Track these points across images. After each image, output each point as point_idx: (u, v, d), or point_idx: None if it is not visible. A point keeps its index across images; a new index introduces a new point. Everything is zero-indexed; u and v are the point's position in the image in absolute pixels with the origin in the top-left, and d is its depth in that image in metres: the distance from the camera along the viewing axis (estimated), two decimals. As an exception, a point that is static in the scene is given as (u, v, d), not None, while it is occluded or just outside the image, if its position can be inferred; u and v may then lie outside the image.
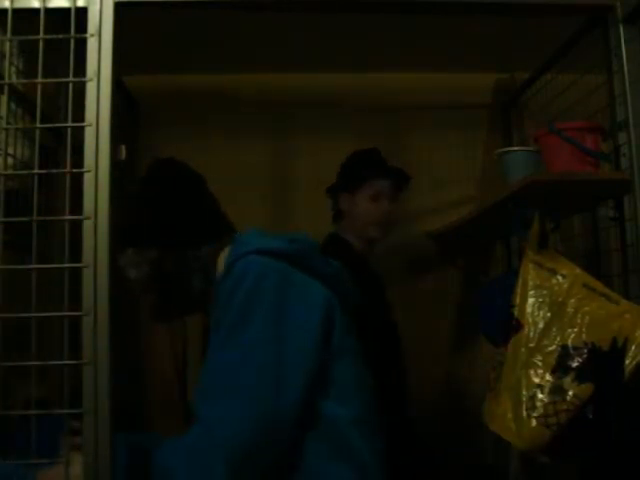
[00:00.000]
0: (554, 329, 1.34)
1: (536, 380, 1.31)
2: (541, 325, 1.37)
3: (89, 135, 1.22)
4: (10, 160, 1.27)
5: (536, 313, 1.38)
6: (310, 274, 1.06)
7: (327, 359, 1.02)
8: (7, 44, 1.25)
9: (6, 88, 1.25)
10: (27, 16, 1.25)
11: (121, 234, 1.17)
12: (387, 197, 1.82)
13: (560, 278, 1.40)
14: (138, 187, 1.22)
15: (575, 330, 1.32)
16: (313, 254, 1.11)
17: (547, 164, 1.53)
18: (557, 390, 1.27)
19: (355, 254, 1.77)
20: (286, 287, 1.01)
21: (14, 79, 1.32)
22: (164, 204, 1.17)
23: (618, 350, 1.25)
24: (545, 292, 1.40)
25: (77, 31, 1.24)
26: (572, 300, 1.36)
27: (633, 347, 1.24)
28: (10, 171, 1.25)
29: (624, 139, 1.41)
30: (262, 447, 0.93)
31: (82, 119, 1.22)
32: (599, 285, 1.37)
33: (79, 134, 1.23)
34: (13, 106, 1.32)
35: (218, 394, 0.97)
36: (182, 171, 1.23)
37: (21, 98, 1.35)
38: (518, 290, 1.42)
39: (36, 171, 1.22)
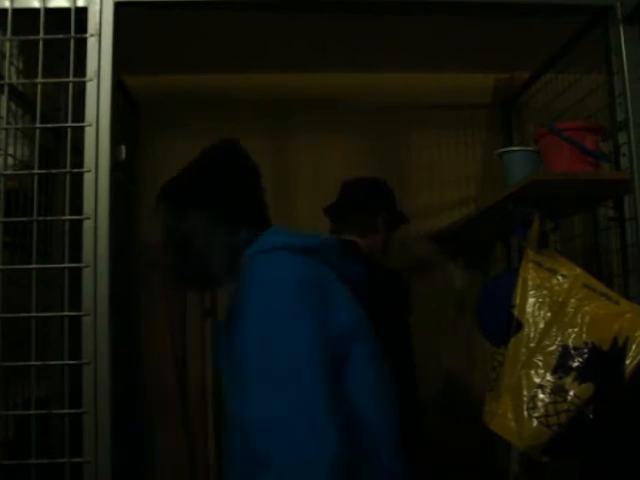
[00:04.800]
0: (554, 329, 1.34)
1: (537, 380, 1.31)
2: (541, 325, 1.36)
3: (89, 135, 1.22)
4: (10, 160, 1.27)
5: (536, 313, 1.38)
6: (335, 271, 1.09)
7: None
8: (7, 44, 1.26)
9: (6, 88, 1.25)
10: (27, 16, 1.25)
11: (163, 192, 1.17)
12: None
13: (560, 278, 1.40)
14: (198, 156, 1.20)
15: (575, 330, 1.32)
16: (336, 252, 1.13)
17: (547, 164, 1.53)
18: (558, 390, 1.27)
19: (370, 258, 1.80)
20: (304, 284, 1.02)
21: (14, 79, 1.31)
22: (217, 178, 1.16)
23: (618, 350, 1.25)
24: (545, 292, 1.40)
25: (77, 31, 1.24)
26: (572, 300, 1.36)
27: (633, 347, 1.24)
28: (10, 171, 1.25)
29: (624, 139, 1.42)
30: None
31: (82, 119, 1.22)
32: (599, 285, 1.37)
33: (79, 134, 1.23)
34: (13, 106, 1.32)
35: None
36: (241, 157, 1.21)
37: (21, 98, 1.35)
38: (518, 290, 1.42)
39: (36, 171, 1.22)
